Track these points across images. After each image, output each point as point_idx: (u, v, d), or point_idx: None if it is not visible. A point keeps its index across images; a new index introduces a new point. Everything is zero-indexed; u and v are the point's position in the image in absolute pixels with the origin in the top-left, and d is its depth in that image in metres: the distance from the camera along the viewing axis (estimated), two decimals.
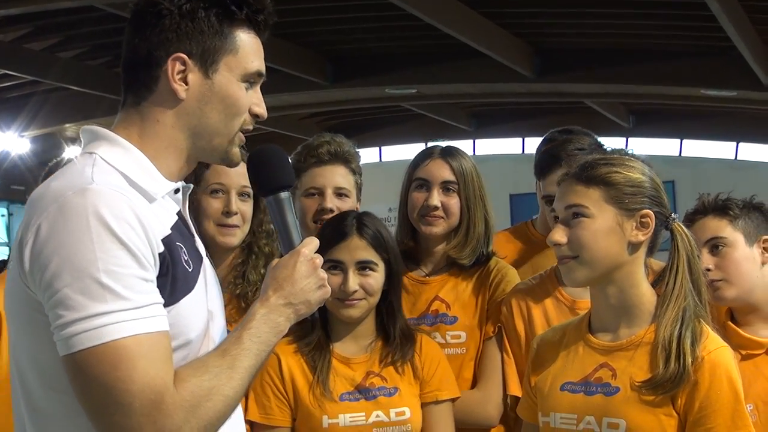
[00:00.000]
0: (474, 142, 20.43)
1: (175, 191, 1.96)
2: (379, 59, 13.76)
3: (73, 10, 10.95)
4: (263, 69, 2.00)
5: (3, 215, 21.14)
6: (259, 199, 2.99)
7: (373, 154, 21.21)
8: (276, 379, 2.79)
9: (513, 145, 21.17)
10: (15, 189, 19.24)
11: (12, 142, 17.31)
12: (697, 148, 20.02)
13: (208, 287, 1.97)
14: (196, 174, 2.91)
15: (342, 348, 2.85)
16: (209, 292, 1.98)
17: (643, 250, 2.45)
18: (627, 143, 18.98)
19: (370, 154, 20.89)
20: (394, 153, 20.67)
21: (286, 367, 2.79)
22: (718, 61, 12.64)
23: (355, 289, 2.79)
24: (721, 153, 19.81)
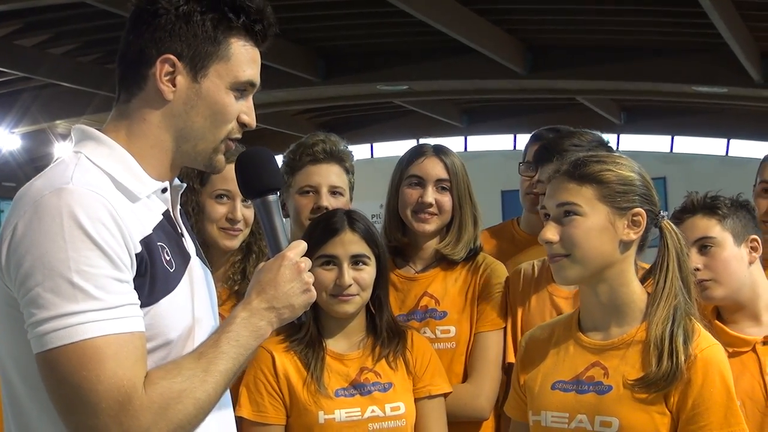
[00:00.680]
0: (465, 139, 20.46)
1: (163, 191, 1.95)
2: (370, 56, 13.76)
3: (64, 6, 10.92)
4: (256, 79, 1.98)
5: None
6: None
7: (365, 151, 21.21)
8: (270, 376, 2.78)
9: (504, 142, 21.20)
10: (6, 186, 19.20)
11: (3, 138, 17.28)
12: (688, 144, 20.05)
13: (195, 287, 1.96)
14: (201, 176, 2.93)
15: (334, 345, 2.85)
16: (197, 293, 1.97)
17: (634, 248, 2.45)
18: (618, 140, 19.02)
19: (362, 151, 20.89)
20: (385, 149, 20.68)
21: (280, 364, 2.79)
22: (709, 58, 12.66)
23: (350, 283, 2.80)
24: (712, 149, 19.85)
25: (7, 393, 1.84)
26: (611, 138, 18.16)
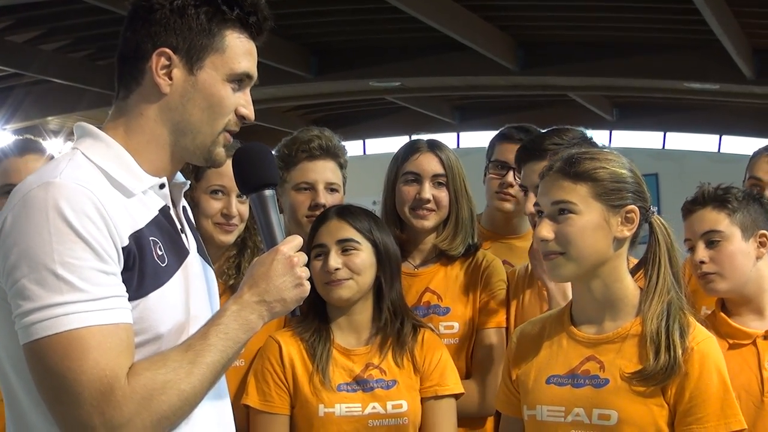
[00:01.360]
0: (458, 135, 20.42)
1: (161, 186, 1.95)
2: (363, 52, 13.73)
3: (56, 2, 10.88)
4: (253, 71, 2.00)
5: None
6: None
7: (357, 147, 21.17)
8: (277, 366, 2.80)
9: None
10: None
11: None
12: (680, 141, 20.05)
13: (191, 284, 1.96)
14: (196, 171, 2.93)
15: (342, 339, 2.86)
16: (193, 290, 1.96)
17: (626, 244, 2.47)
18: (610, 136, 19.02)
19: (354, 147, 20.83)
20: (378, 146, 20.64)
21: (287, 354, 2.81)
22: (701, 54, 12.65)
23: (336, 267, 2.80)
24: (704, 146, 19.84)
25: (3, 384, 1.86)
26: (603, 134, 18.17)
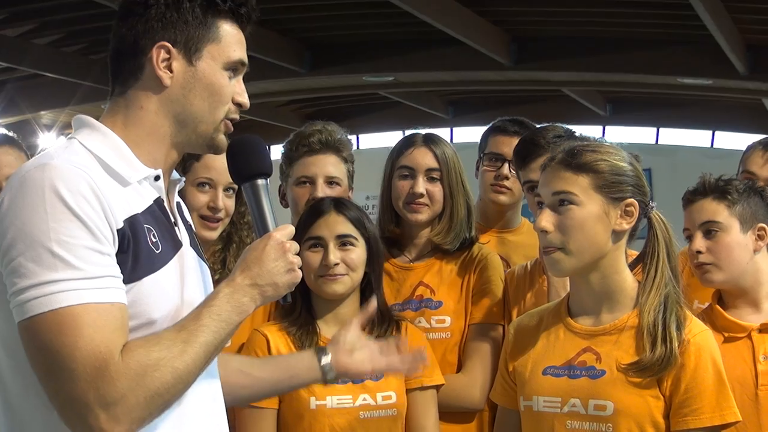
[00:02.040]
0: (451, 130, 20.40)
1: (156, 179, 1.97)
2: (356, 47, 13.72)
3: None
4: (246, 59, 2.04)
5: None
6: (242, 192, 3.01)
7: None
8: None
9: None
10: None
11: None
12: (673, 136, 20.07)
13: (186, 275, 1.97)
14: (183, 164, 2.93)
15: (329, 332, 2.85)
16: (188, 281, 1.98)
17: (625, 238, 2.48)
18: (604, 131, 19.03)
19: None
20: (371, 141, 20.62)
21: (274, 347, 2.80)
22: (695, 50, 12.66)
23: (336, 262, 2.81)
24: (697, 141, 19.87)
25: None
26: (597, 129, 18.18)
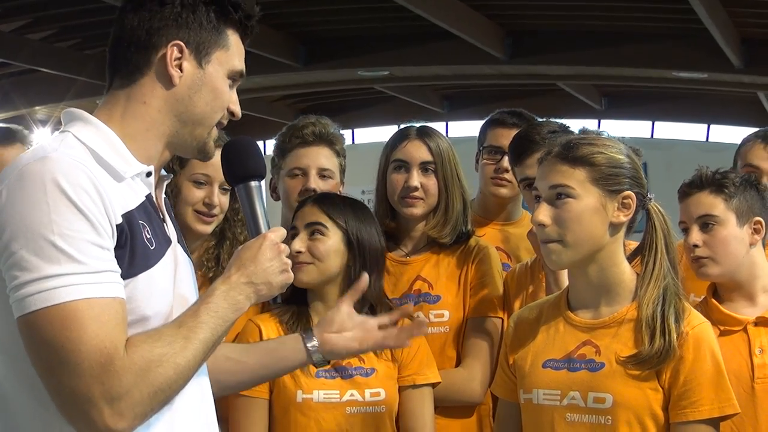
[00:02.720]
0: (447, 125, 20.40)
1: (147, 175, 1.97)
2: (351, 41, 13.71)
3: None
4: (244, 71, 2.08)
5: None
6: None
7: (346, 137, 21.03)
8: None
9: None
10: None
11: None
12: (668, 130, 20.09)
13: (178, 270, 1.98)
14: (181, 158, 2.93)
15: None
16: (179, 277, 1.99)
17: (623, 230, 2.48)
18: (599, 126, 19.02)
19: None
20: (366, 135, 20.62)
21: (266, 336, 2.80)
22: (690, 44, 12.66)
23: (298, 250, 2.78)
24: (692, 135, 19.89)
25: None
26: (592, 123, 18.17)
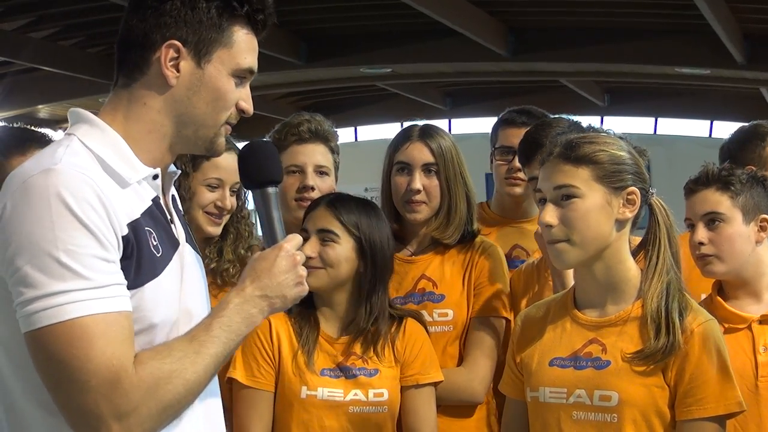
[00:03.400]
0: (449, 122, 20.39)
1: (154, 177, 1.95)
2: (353, 38, 13.70)
3: None
4: (255, 66, 2.02)
5: None
6: (241, 189, 3.10)
7: (349, 134, 21.14)
8: (266, 342, 2.80)
9: (488, 125, 20.94)
10: None
11: None
12: (671, 126, 20.07)
13: (185, 273, 1.97)
14: (194, 161, 2.96)
15: (326, 326, 2.86)
16: (186, 280, 1.97)
17: (628, 227, 2.48)
18: (602, 122, 19.02)
19: (346, 134, 20.79)
20: (369, 133, 20.63)
21: (275, 332, 2.81)
22: (692, 39, 12.64)
23: (310, 255, 2.77)
24: (695, 131, 19.87)
25: None
26: (595, 120, 18.17)
